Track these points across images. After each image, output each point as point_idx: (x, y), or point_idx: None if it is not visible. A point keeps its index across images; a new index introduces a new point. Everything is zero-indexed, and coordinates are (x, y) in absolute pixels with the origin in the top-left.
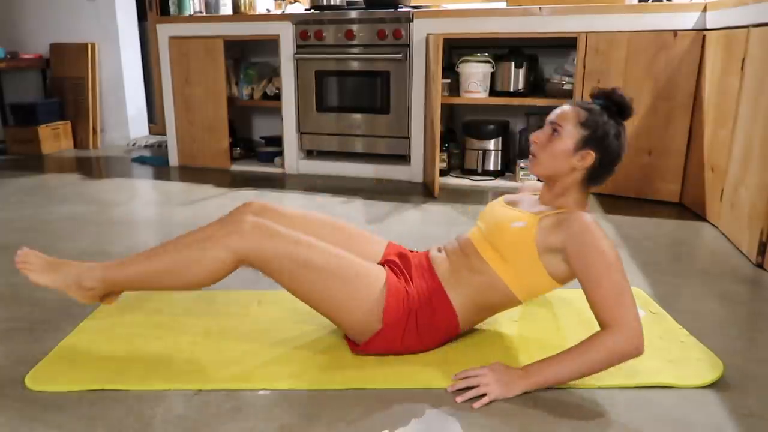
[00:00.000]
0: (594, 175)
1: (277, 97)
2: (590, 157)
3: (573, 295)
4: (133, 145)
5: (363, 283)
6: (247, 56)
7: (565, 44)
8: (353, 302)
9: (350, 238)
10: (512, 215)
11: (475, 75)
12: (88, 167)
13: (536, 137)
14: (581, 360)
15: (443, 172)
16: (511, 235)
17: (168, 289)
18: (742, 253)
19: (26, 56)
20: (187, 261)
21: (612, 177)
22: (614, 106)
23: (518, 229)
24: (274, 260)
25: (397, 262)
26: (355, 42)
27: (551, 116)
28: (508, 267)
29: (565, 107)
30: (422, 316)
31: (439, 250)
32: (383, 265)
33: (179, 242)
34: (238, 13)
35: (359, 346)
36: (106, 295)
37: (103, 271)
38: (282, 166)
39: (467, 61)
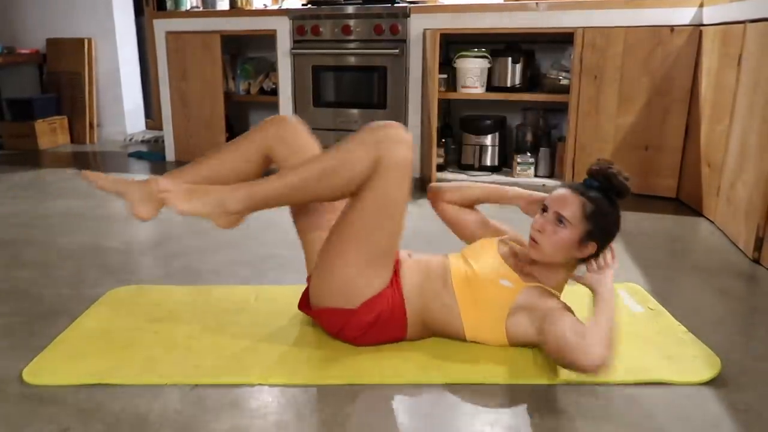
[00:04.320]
0: (588, 258)
1: (274, 92)
2: (592, 247)
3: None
4: (130, 140)
5: (380, 264)
6: (244, 51)
7: (562, 39)
8: (361, 268)
9: None
10: (503, 271)
11: (472, 70)
12: (85, 162)
13: (542, 226)
14: None
15: (440, 168)
16: (496, 290)
17: (311, 198)
18: (739, 248)
19: (23, 51)
20: (336, 163)
21: None
22: (614, 190)
23: (504, 288)
24: (385, 177)
25: None
26: (351, 37)
27: (555, 204)
28: (473, 312)
29: (571, 197)
30: (383, 319)
31: (409, 255)
32: None
33: (323, 153)
34: (234, 8)
35: (313, 309)
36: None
37: (249, 189)
38: None
39: (464, 56)
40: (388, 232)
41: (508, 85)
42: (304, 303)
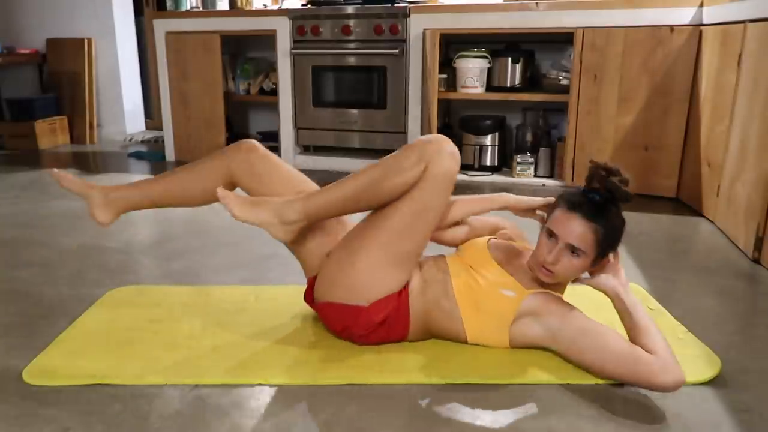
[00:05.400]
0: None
1: (274, 92)
2: (604, 261)
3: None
4: (130, 140)
5: (403, 266)
6: (244, 51)
7: (562, 39)
8: (382, 265)
9: None
10: (502, 281)
11: (472, 70)
12: (85, 162)
13: (555, 258)
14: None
15: None
16: (498, 300)
17: (365, 207)
18: (739, 248)
19: (23, 51)
20: (385, 170)
21: None
22: (617, 199)
23: (506, 298)
24: (428, 185)
25: None
26: (351, 37)
27: (567, 234)
28: (475, 318)
29: (582, 225)
30: (389, 320)
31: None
32: None
33: (372, 164)
34: (234, 8)
35: (319, 302)
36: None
37: (304, 201)
38: None
39: (464, 56)
40: (417, 236)
41: (508, 85)
42: (311, 295)
